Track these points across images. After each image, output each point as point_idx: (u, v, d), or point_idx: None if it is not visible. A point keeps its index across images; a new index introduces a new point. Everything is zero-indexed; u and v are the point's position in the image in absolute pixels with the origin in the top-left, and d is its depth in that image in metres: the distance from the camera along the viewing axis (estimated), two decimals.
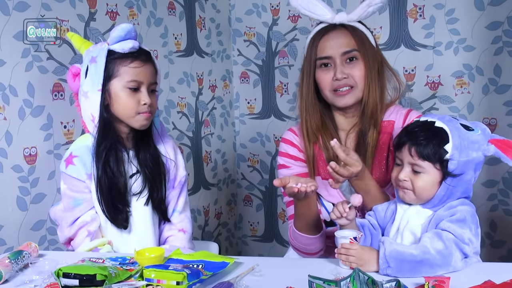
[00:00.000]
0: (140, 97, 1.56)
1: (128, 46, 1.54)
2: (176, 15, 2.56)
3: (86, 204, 1.57)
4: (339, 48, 1.59)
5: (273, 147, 2.98)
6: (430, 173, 1.30)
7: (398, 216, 1.37)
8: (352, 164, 1.43)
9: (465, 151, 1.28)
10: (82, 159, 1.56)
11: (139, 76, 1.56)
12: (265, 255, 2.97)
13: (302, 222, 1.57)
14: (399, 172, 1.34)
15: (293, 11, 2.82)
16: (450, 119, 1.33)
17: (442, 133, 1.29)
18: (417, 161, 1.30)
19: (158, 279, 1.19)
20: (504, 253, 2.54)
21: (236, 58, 3.01)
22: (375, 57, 1.61)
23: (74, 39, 1.69)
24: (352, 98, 1.60)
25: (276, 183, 1.40)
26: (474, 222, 1.30)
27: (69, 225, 1.58)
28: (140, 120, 1.57)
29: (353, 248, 1.26)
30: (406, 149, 1.31)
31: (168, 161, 1.68)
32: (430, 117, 1.34)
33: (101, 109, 1.56)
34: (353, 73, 1.59)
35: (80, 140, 1.62)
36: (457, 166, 1.28)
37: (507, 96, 2.46)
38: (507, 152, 1.29)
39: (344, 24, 1.62)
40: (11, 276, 1.31)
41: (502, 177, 2.50)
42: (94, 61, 1.56)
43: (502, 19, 2.43)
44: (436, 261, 1.21)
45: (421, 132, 1.31)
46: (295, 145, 1.71)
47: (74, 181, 1.57)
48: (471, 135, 1.30)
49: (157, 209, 1.64)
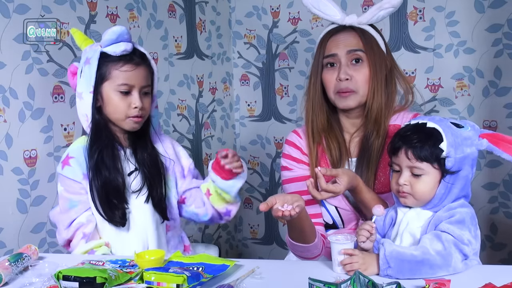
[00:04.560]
0: (131, 101, 1.56)
1: (120, 49, 1.54)
2: (176, 18, 2.56)
3: (82, 206, 1.58)
4: (345, 47, 1.59)
5: (273, 149, 2.98)
6: (430, 174, 1.31)
7: (398, 220, 1.37)
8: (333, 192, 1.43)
9: (459, 148, 1.30)
10: (78, 160, 1.58)
11: (130, 80, 1.56)
12: (265, 258, 2.96)
13: (295, 233, 1.58)
14: (398, 177, 1.34)
15: (293, 13, 2.83)
16: (440, 119, 1.35)
17: (435, 133, 1.30)
18: (415, 163, 1.30)
19: (158, 281, 1.18)
20: (505, 256, 2.53)
21: (236, 61, 3.01)
22: (383, 62, 1.61)
23: (76, 36, 1.69)
24: (354, 101, 1.60)
25: (262, 208, 1.38)
26: (474, 223, 1.30)
27: (66, 228, 1.58)
28: (130, 123, 1.59)
29: (355, 254, 1.26)
30: (403, 153, 1.32)
31: (167, 160, 1.68)
32: (420, 119, 1.36)
33: (93, 110, 1.57)
34: (356, 76, 1.58)
35: (77, 142, 1.64)
36: (454, 163, 1.30)
37: (507, 98, 2.46)
38: (498, 145, 1.32)
39: (354, 26, 1.62)
40: (11, 279, 1.31)
41: (502, 179, 2.50)
42: (88, 63, 1.57)
43: (502, 22, 2.43)
44: (436, 262, 1.21)
45: (414, 134, 1.31)
46: (298, 147, 1.71)
47: (70, 182, 1.58)
48: (463, 132, 1.32)
49: (157, 207, 1.64)
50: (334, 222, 1.68)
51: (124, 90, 1.56)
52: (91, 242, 1.56)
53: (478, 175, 2.52)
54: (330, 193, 1.44)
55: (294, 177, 1.69)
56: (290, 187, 1.69)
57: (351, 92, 1.59)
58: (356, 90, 1.59)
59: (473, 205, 1.37)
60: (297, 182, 1.67)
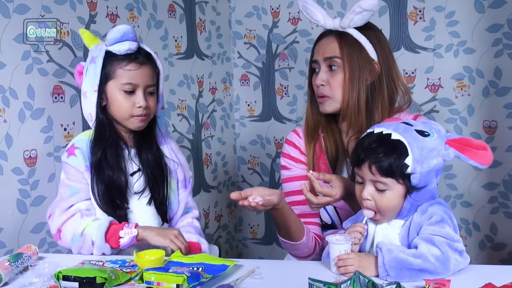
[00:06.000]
0: (135, 100, 1.56)
1: (124, 48, 1.54)
2: (176, 18, 2.56)
3: (83, 193, 1.56)
4: (324, 53, 1.61)
5: (273, 149, 2.98)
6: (394, 189, 1.26)
7: (371, 230, 1.33)
8: (329, 194, 1.45)
9: (425, 161, 1.25)
10: (83, 151, 1.57)
11: (135, 79, 1.56)
12: (265, 258, 2.96)
13: (282, 229, 1.61)
14: (362, 190, 1.30)
15: (293, 14, 2.83)
16: (405, 128, 1.28)
17: (400, 146, 1.25)
18: (379, 178, 1.26)
19: (158, 281, 1.18)
20: (505, 256, 2.53)
21: (236, 61, 3.01)
22: (367, 66, 1.57)
23: (85, 36, 1.69)
24: (330, 107, 1.61)
25: (233, 196, 1.42)
26: (449, 217, 1.28)
27: (63, 211, 1.54)
28: (135, 122, 1.58)
29: (350, 257, 1.24)
30: (366, 167, 1.27)
31: (171, 162, 1.68)
32: (385, 128, 1.29)
33: (97, 110, 1.57)
34: (331, 82, 1.59)
35: (83, 134, 1.64)
36: (420, 179, 1.25)
37: (507, 98, 2.46)
38: (464, 151, 1.26)
39: (335, 30, 1.62)
40: (11, 279, 1.31)
41: (502, 179, 2.50)
42: (93, 61, 1.57)
43: (502, 22, 2.43)
44: (436, 269, 1.20)
45: (379, 147, 1.26)
46: (297, 146, 1.72)
47: (73, 171, 1.57)
48: (429, 142, 1.26)
49: (159, 209, 1.64)
50: (333, 222, 1.68)
51: (128, 90, 1.56)
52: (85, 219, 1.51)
53: (478, 175, 2.52)
54: (326, 198, 1.45)
55: (292, 176, 1.70)
56: (288, 186, 1.71)
57: (326, 98, 1.60)
58: (331, 96, 1.60)
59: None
60: (295, 181, 1.68)
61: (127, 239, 1.47)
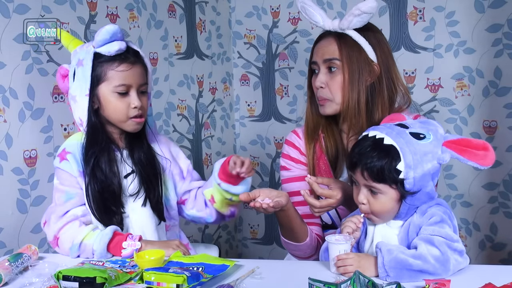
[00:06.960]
0: (129, 101, 1.53)
1: (114, 48, 1.50)
2: (176, 18, 2.56)
3: (78, 198, 1.54)
4: (323, 55, 1.60)
5: (273, 149, 2.98)
6: (388, 194, 1.26)
7: (370, 231, 1.33)
8: (331, 196, 1.45)
9: (419, 166, 1.23)
10: (75, 156, 1.54)
11: (127, 80, 1.53)
12: (265, 258, 2.96)
13: (286, 230, 1.61)
14: (358, 192, 1.30)
15: (293, 14, 2.83)
16: (399, 132, 1.27)
17: (392, 151, 1.24)
18: (372, 183, 1.26)
19: (158, 281, 1.19)
20: (505, 256, 2.53)
21: (236, 61, 3.01)
22: (366, 68, 1.57)
23: (62, 36, 1.66)
24: (330, 109, 1.61)
25: (242, 198, 1.45)
26: (449, 217, 1.27)
27: (59, 217, 1.52)
28: (132, 124, 1.55)
29: (349, 257, 1.24)
30: (359, 172, 1.27)
31: (163, 159, 1.67)
32: (379, 132, 1.28)
33: (89, 114, 1.54)
34: (331, 84, 1.59)
35: (73, 138, 1.60)
36: (414, 184, 1.24)
37: (507, 98, 2.46)
38: (463, 153, 1.25)
39: (334, 31, 1.62)
40: (11, 279, 1.31)
41: (502, 179, 2.50)
42: (81, 64, 1.53)
43: (502, 22, 2.43)
44: (436, 270, 1.20)
45: (372, 152, 1.25)
46: (297, 147, 1.72)
47: (67, 176, 1.54)
48: (423, 146, 1.25)
49: (154, 210, 1.61)
50: (333, 222, 1.68)
51: (121, 91, 1.52)
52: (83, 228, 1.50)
53: (478, 175, 2.52)
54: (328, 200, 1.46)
55: (292, 177, 1.70)
56: (288, 186, 1.70)
57: (326, 100, 1.60)
58: (331, 98, 1.59)
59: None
60: (295, 182, 1.68)
61: (129, 251, 1.46)
